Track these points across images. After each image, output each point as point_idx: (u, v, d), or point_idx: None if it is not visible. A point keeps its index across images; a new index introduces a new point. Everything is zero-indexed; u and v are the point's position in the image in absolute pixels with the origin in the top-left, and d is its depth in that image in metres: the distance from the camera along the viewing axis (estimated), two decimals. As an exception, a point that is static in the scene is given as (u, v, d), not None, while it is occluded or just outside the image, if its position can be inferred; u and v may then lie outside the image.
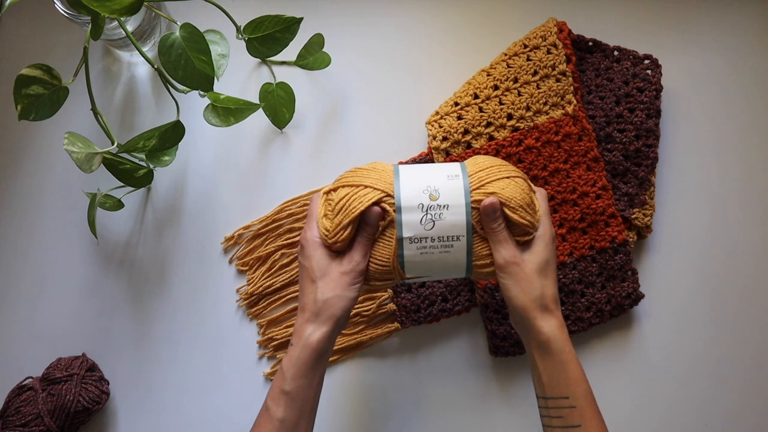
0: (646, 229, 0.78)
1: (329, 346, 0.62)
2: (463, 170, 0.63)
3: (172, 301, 0.79)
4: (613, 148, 0.78)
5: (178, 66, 0.65)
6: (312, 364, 0.61)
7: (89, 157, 0.65)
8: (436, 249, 0.61)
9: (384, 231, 0.62)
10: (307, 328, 0.61)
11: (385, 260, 0.62)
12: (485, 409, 0.78)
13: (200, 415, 0.78)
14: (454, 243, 0.61)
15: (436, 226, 0.61)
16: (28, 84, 0.62)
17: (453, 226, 0.61)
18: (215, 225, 0.80)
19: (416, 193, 0.61)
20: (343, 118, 0.82)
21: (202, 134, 0.81)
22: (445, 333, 0.79)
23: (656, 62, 0.78)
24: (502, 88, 0.78)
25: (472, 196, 0.62)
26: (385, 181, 0.62)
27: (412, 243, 0.61)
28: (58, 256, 0.80)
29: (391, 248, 0.62)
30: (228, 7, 0.70)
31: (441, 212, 0.61)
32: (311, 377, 0.61)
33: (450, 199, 0.61)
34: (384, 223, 0.62)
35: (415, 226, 0.61)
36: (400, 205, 0.61)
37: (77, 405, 0.71)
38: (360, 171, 0.64)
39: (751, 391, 0.78)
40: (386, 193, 0.62)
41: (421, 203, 0.61)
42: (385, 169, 0.64)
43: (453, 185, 0.62)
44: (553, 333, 0.61)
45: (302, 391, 0.60)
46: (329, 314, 0.61)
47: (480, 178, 0.63)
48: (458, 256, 0.62)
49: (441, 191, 0.62)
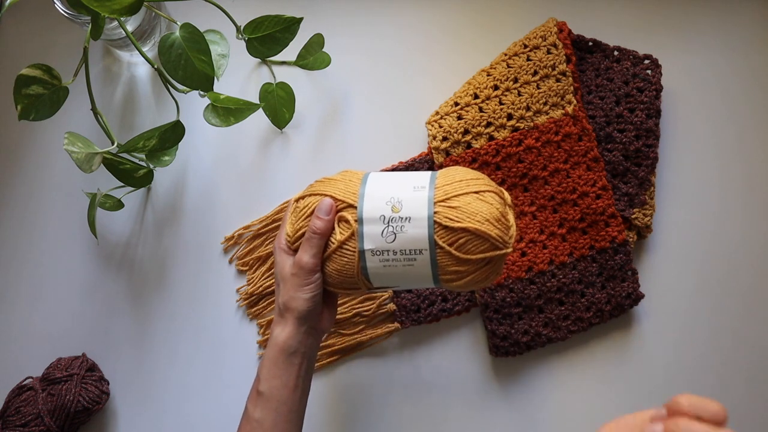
0: (646, 229, 0.78)
1: (299, 346, 0.62)
2: (431, 181, 0.61)
3: (172, 301, 0.79)
4: (613, 148, 0.78)
5: (178, 66, 0.65)
6: (282, 363, 0.61)
7: (89, 157, 0.65)
8: (399, 262, 0.59)
9: (346, 242, 0.60)
10: (275, 328, 0.63)
11: (348, 271, 0.61)
12: (485, 409, 0.78)
13: (200, 415, 0.78)
14: (417, 257, 0.59)
15: (398, 239, 0.58)
16: (28, 84, 0.62)
17: (415, 240, 0.58)
18: (215, 225, 0.80)
19: (379, 204, 0.59)
20: (343, 118, 0.82)
21: (202, 134, 0.81)
22: (445, 333, 0.79)
23: (656, 62, 0.78)
24: (502, 88, 0.78)
25: (436, 209, 0.59)
26: (350, 191, 0.61)
27: (374, 255, 0.59)
28: (58, 256, 0.80)
29: (354, 259, 0.60)
30: (228, 7, 0.70)
31: (402, 225, 0.58)
32: (286, 378, 0.61)
33: (412, 211, 0.59)
34: (346, 234, 0.60)
35: (377, 239, 0.59)
36: (361, 217, 0.59)
37: (77, 405, 0.71)
38: (328, 180, 0.64)
39: (751, 391, 0.78)
40: (348, 204, 0.60)
41: (383, 215, 0.59)
42: (353, 179, 0.62)
43: (417, 197, 0.59)
44: None
45: (277, 392, 0.61)
46: (290, 314, 0.62)
47: (446, 191, 0.59)
48: (423, 270, 0.59)
49: (404, 203, 0.59)
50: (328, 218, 0.61)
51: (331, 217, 0.61)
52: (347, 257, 0.60)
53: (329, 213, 0.61)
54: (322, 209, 0.61)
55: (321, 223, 0.61)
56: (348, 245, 0.60)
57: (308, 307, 0.61)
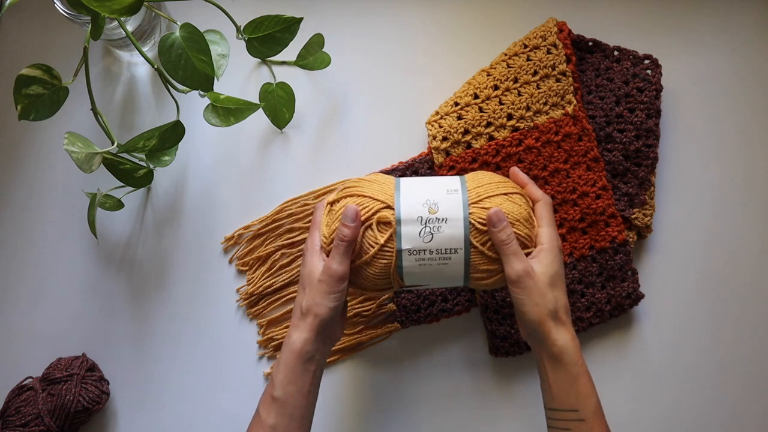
0: (646, 229, 0.78)
1: (315, 353, 0.62)
2: (462, 185, 0.65)
3: (172, 301, 0.79)
4: (613, 148, 0.78)
5: (178, 66, 0.65)
6: (299, 369, 0.61)
7: (89, 157, 0.65)
8: (434, 261, 0.62)
9: (385, 243, 0.62)
10: (293, 333, 0.62)
11: (384, 271, 0.63)
12: (485, 409, 0.78)
13: (200, 415, 0.78)
14: (452, 256, 0.62)
15: (435, 238, 0.62)
16: (28, 84, 0.62)
17: (451, 239, 0.62)
18: (215, 225, 0.80)
19: (416, 206, 0.63)
20: (343, 118, 0.82)
21: (202, 134, 0.81)
22: (445, 333, 0.79)
23: (656, 62, 0.78)
24: (502, 88, 0.78)
25: (470, 210, 0.62)
26: (386, 192, 0.64)
27: (411, 255, 0.62)
28: (58, 256, 0.80)
29: (391, 259, 0.62)
30: (228, 7, 0.70)
31: (440, 225, 0.62)
32: (300, 383, 0.61)
33: (448, 212, 0.62)
34: (385, 236, 0.62)
35: (414, 239, 0.62)
36: (399, 217, 0.62)
37: (77, 405, 0.71)
38: (362, 182, 0.66)
39: (751, 391, 0.78)
40: (387, 205, 0.63)
41: (420, 216, 0.62)
42: (386, 182, 0.65)
43: (452, 199, 0.63)
44: (566, 345, 0.61)
45: (292, 398, 0.61)
46: (311, 319, 0.61)
47: (479, 193, 0.64)
48: (456, 269, 0.63)
49: (440, 205, 0.63)
50: (354, 225, 0.62)
51: (357, 223, 0.62)
52: (385, 258, 0.63)
53: (355, 220, 0.62)
54: (348, 216, 0.62)
55: (348, 230, 0.62)
56: (386, 246, 0.62)
57: (331, 315, 0.62)
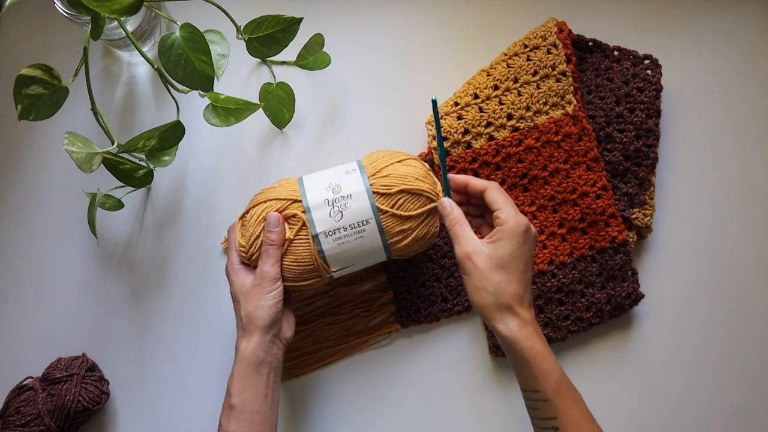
0: (646, 229, 0.78)
1: (266, 356, 0.64)
2: (359, 164, 0.69)
3: (172, 301, 0.79)
4: (613, 148, 0.78)
5: (178, 66, 0.65)
6: (252, 374, 0.63)
7: (89, 157, 0.65)
8: (351, 237, 0.66)
9: (298, 233, 0.66)
10: (240, 343, 0.65)
11: (305, 259, 0.66)
12: (485, 408, 0.78)
13: (200, 415, 0.78)
14: (366, 227, 0.66)
15: (345, 215, 0.66)
16: (28, 84, 0.62)
17: (360, 211, 0.66)
18: (215, 225, 0.80)
19: (320, 190, 0.67)
20: (343, 118, 0.82)
21: (202, 134, 0.81)
22: (445, 333, 0.79)
23: (656, 62, 0.78)
24: (502, 88, 0.78)
25: (371, 181, 0.66)
26: (291, 190, 0.67)
27: (328, 236, 0.65)
28: (58, 256, 0.80)
29: (309, 246, 0.66)
30: (228, 7, 0.70)
31: (346, 202, 0.66)
32: (256, 388, 0.63)
33: (351, 188, 0.66)
34: (296, 228, 0.65)
35: (326, 220, 0.65)
36: (308, 205, 0.66)
37: (77, 405, 0.71)
38: (266, 190, 0.70)
39: (751, 390, 0.78)
40: (293, 200, 0.67)
41: (326, 198, 0.66)
42: (290, 182, 0.69)
43: (352, 177, 0.67)
44: (512, 334, 0.59)
45: (249, 403, 0.63)
46: (254, 325, 0.64)
47: (375, 166, 0.68)
48: (373, 239, 0.66)
49: (342, 185, 0.67)
50: (278, 229, 0.65)
51: (281, 227, 0.65)
52: (303, 246, 0.66)
53: (278, 224, 0.65)
54: (272, 223, 0.65)
55: (274, 234, 0.65)
56: (301, 235, 0.66)
57: (272, 315, 0.64)
